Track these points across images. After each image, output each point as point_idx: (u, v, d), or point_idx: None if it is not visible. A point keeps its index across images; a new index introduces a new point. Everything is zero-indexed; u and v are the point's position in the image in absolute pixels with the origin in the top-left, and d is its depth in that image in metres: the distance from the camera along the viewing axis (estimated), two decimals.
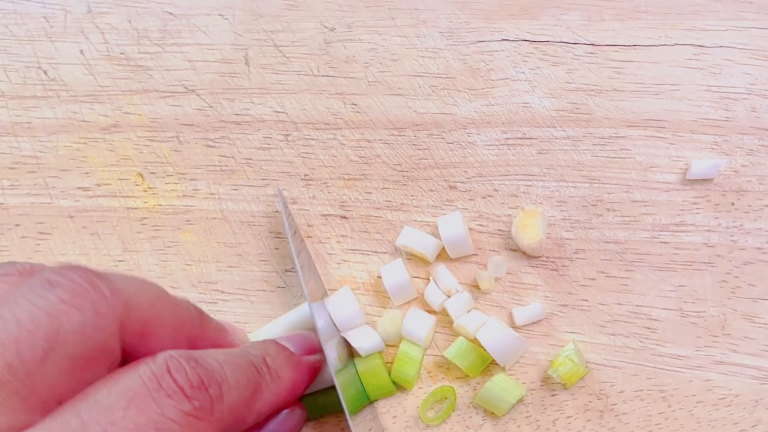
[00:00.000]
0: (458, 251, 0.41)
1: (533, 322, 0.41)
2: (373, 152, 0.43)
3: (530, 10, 0.44)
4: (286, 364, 0.34)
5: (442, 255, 0.42)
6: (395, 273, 0.41)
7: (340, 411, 0.38)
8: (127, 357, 0.30)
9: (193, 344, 0.33)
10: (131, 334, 0.29)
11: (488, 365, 0.40)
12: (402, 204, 0.42)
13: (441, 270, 0.41)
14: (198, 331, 0.33)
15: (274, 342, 0.36)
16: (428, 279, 0.41)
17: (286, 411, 0.36)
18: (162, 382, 0.27)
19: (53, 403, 0.26)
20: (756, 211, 0.41)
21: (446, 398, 0.40)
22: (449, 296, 0.40)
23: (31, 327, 0.26)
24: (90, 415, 0.26)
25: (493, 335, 0.39)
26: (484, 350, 0.39)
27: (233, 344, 0.37)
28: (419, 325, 0.40)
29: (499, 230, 0.42)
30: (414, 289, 0.41)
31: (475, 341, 0.40)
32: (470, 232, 0.42)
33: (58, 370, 0.26)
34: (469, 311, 0.40)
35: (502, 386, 0.39)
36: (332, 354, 0.38)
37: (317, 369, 0.37)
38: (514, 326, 0.41)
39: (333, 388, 0.38)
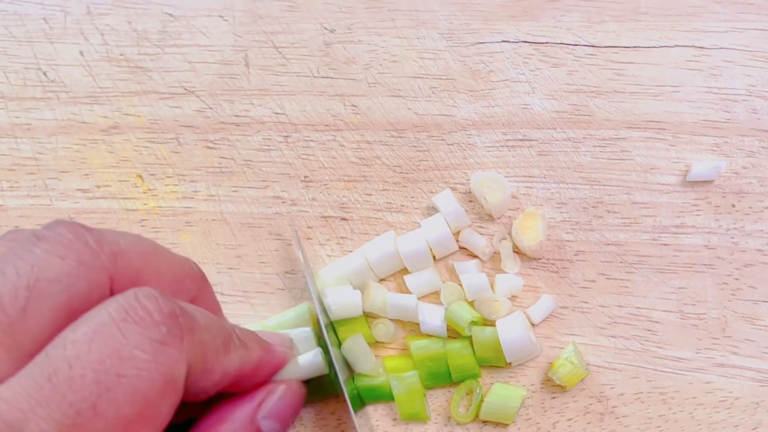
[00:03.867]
0: (457, 224, 0.41)
1: (543, 319, 0.40)
2: (373, 154, 0.43)
3: (530, 11, 0.44)
4: (254, 340, 0.33)
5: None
6: (436, 226, 0.41)
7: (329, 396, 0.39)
8: None
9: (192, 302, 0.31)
10: (123, 286, 0.28)
11: (483, 367, 0.40)
12: (402, 206, 0.42)
13: (470, 233, 0.41)
14: (197, 290, 0.32)
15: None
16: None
17: (283, 386, 0.34)
18: (129, 311, 0.26)
19: (37, 354, 0.26)
20: (756, 213, 0.41)
21: (473, 391, 0.40)
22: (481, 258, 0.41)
23: (13, 278, 0.26)
24: (56, 351, 0.25)
25: (512, 330, 0.39)
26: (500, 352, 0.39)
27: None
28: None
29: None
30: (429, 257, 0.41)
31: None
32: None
33: (41, 321, 0.26)
34: (508, 296, 0.41)
35: (502, 394, 0.39)
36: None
37: (283, 360, 0.35)
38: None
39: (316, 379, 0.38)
